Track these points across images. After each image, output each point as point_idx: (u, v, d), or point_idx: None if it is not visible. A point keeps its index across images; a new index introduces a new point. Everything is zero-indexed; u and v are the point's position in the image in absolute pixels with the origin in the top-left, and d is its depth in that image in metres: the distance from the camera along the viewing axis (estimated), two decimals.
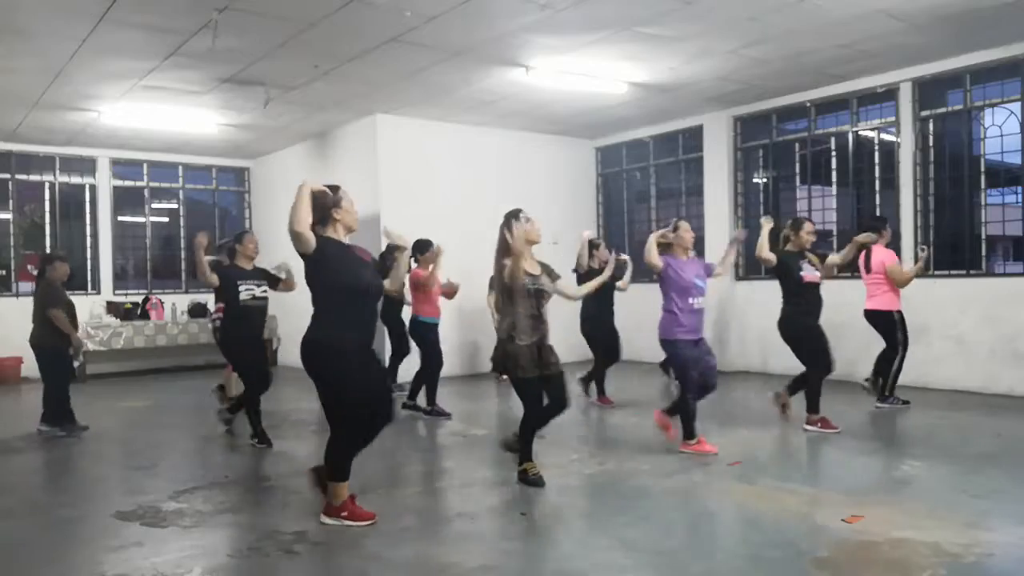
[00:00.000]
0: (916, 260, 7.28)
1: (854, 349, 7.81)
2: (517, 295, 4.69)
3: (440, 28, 6.45)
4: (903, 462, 5.18)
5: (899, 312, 6.94)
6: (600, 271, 6.29)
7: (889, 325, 6.93)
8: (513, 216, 4.76)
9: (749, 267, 9.92)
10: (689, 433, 5.58)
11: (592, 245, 7.67)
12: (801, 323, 6.17)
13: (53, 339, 6.63)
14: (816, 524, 3.96)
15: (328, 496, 4.17)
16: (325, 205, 4.05)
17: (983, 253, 7.98)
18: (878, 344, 7.03)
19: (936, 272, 8.18)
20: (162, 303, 11.49)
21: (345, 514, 4.12)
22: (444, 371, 7.53)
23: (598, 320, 7.59)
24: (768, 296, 7.82)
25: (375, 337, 4.28)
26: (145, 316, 11.22)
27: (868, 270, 6.98)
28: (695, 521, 4.23)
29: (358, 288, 4.04)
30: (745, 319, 9.61)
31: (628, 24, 6.56)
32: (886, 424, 6.44)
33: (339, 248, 4.10)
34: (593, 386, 7.81)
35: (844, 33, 6.95)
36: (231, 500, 4.67)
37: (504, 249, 4.73)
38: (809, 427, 6.16)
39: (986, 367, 7.68)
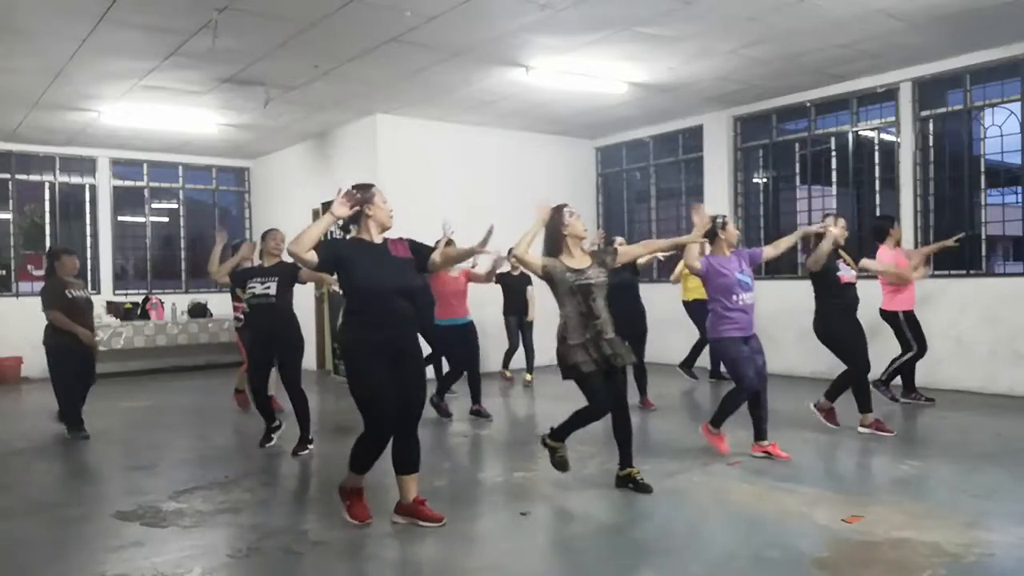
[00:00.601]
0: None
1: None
2: (562, 295, 4.56)
3: (440, 28, 6.45)
4: (903, 462, 5.18)
5: (904, 313, 6.96)
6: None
7: (896, 325, 6.98)
8: (556, 210, 4.64)
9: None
10: (718, 422, 5.49)
11: (607, 242, 7.68)
12: (839, 323, 6.02)
13: (54, 339, 6.53)
14: (816, 524, 3.96)
15: (346, 479, 4.19)
16: (357, 203, 4.00)
17: (983, 253, 7.98)
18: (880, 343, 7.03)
19: (936, 272, 8.18)
20: (162, 303, 11.49)
21: (348, 503, 4.14)
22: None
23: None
24: (769, 296, 7.86)
25: (410, 337, 4.10)
26: (145, 316, 11.22)
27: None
28: (695, 521, 4.23)
29: (372, 289, 3.95)
30: None
31: (628, 24, 6.56)
32: (887, 424, 6.43)
33: (358, 249, 4.04)
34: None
35: (844, 33, 6.94)
36: (231, 500, 4.67)
37: (547, 246, 4.64)
38: (863, 429, 6.03)
39: (986, 367, 7.68)
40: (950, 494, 4.44)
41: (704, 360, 9.27)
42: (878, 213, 8.67)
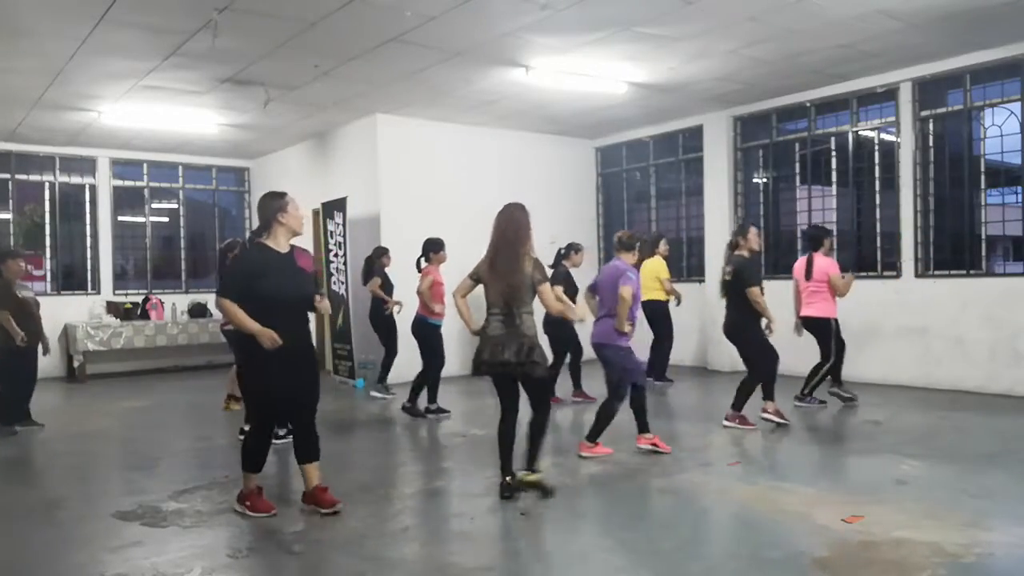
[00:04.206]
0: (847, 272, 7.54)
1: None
2: (530, 292, 4.61)
3: (440, 28, 6.44)
4: (903, 462, 5.18)
5: (835, 320, 7.07)
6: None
7: (827, 332, 7.04)
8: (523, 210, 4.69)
9: None
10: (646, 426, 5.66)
11: (573, 248, 7.79)
12: (758, 327, 6.30)
13: (4, 339, 6.74)
14: (816, 524, 3.96)
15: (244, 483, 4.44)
16: (269, 210, 4.30)
17: (983, 253, 7.98)
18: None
19: (936, 272, 8.18)
20: (162, 303, 11.49)
21: (248, 503, 4.38)
22: (445, 371, 7.55)
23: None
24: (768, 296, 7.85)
25: (306, 339, 4.47)
26: (145, 316, 11.22)
27: (808, 277, 7.06)
28: (695, 521, 4.23)
29: (278, 299, 4.20)
30: None
31: (628, 24, 6.55)
32: (885, 424, 6.44)
33: (265, 260, 4.26)
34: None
35: (844, 33, 6.94)
36: (231, 500, 4.66)
37: (525, 237, 4.59)
38: (728, 423, 6.33)
39: (986, 367, 7.68)
40: (950, 494, 4.44)
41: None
42: (878, 214, 8.69)
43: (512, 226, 4.63)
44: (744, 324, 6.30)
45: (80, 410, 8.41)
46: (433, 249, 7.33)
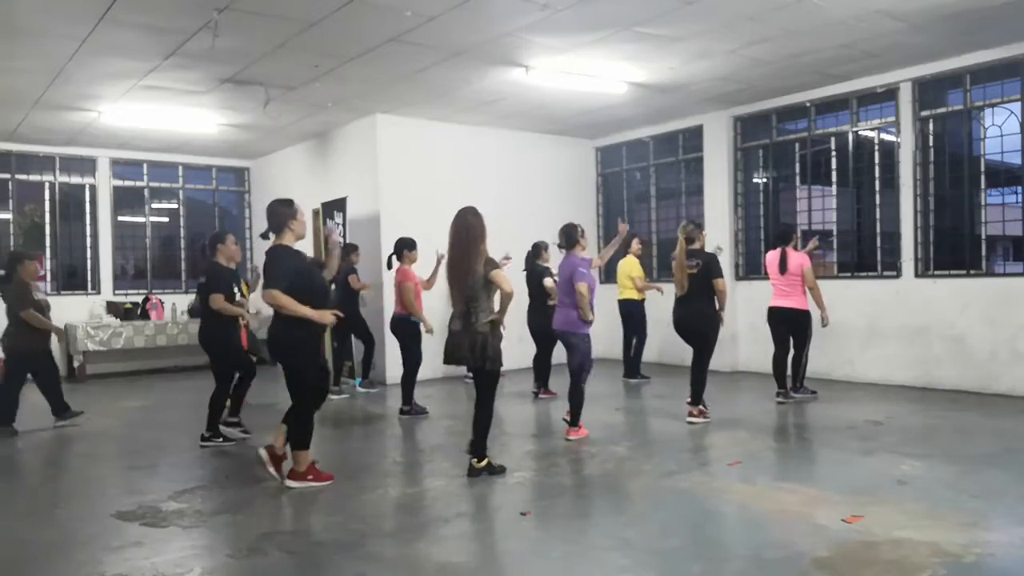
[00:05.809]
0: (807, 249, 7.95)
1: (842, 349, 7.81)
2: (485, 291, 4.87)
3: (440, 28, 6.44)
4: (903, 462, 5.18)
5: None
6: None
7: (806, 323, 7.37)
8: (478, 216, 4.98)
9: (749, 267, 9.93)
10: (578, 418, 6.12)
11: (541, 247, 7.82)
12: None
13: (24, 341, 6.83)
14: (816, 524, 3.97)
15: (302, 460, 4.84)
16: (282, 216, 4.80)
17: (983, 253, 7.97)
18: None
19: (936, 272, 8.18)
20: (162, 303, 11.50)
21: (312, 476, 4.82)
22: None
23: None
24: (766, 296, 7.86)
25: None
26: (145, 316, 11.23)
27: (783, 271, 7.34)
28: (695, 521, 4.23)
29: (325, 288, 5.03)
30: (746, 319, 9.61)
31: (628, 24, 6.55)
32: (886, 424, 6.44)
33: (303, 260, 4.91)
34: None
35: (844, 33, 6.94)
36: (231, 500, 4.67)
37: (479, 239, 4.88)
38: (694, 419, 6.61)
39: (986, 367, 7.68)
40: (950, 494, 4.44)
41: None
42: (878, 214, 8.69)
43: (464, 230, 4.92)
44: (712, 315, 6.60)
45: (80, 410, 8.39)
46: (407, 248, 7.40)
